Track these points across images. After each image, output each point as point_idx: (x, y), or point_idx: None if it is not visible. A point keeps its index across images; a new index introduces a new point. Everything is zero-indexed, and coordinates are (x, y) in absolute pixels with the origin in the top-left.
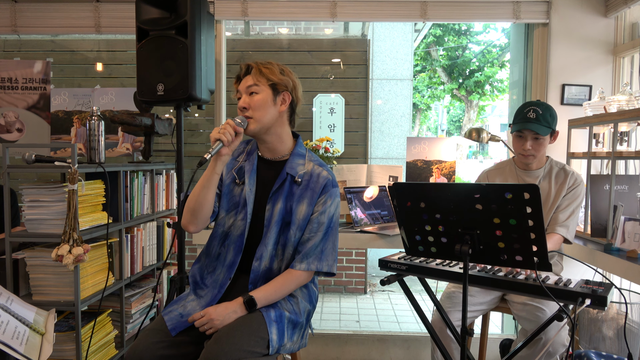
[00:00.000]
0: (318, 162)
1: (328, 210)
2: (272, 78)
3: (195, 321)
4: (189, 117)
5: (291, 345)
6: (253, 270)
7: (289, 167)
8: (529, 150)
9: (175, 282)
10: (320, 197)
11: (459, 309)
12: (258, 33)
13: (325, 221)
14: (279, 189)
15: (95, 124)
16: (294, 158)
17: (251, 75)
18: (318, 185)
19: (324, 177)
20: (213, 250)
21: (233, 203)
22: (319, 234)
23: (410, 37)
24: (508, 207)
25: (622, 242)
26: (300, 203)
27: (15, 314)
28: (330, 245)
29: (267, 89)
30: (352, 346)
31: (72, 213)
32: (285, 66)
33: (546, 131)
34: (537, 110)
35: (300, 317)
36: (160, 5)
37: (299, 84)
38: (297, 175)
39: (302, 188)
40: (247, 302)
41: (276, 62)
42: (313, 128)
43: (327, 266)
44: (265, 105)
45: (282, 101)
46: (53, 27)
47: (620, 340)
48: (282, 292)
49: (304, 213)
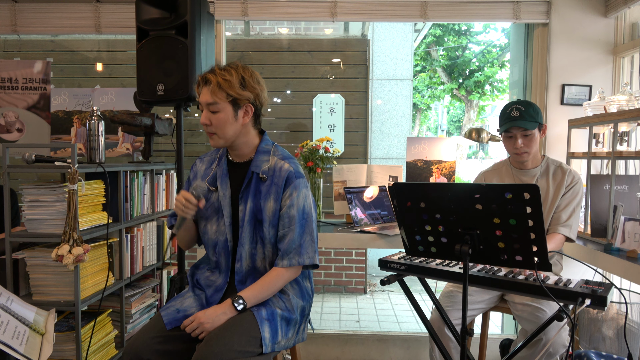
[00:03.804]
0: (282, 156)
1: (296, 202)
2: (232, 93)
3: (186, 326)
4: (189, 117)
5: (286, 341)
6: (237, 271)
7: (254, 165)
8: (522, 148)
9: (175, 282)
10: (285, 191)
11: (458, 308)
12: (258, 33)
13: (296, 214)
14: (247, 188)
15: (95, 124)
16: (258, 156)
17: (209, 90)
18: (281, 179)
19: (286, 170)
20: (211, 260)
21: (213, 210)
22: (293, 228)
23: (410, 37)
24: (508, 207)
25: (622, 242)
26: (267, 200)
27: (15, 314)
28: (308, 237)
29: (227, 105)
30: (352, 346)
31: (72, 213)
32: (247, 70)
33: (533, 125)
34: (519, 108)
35: (293, 313)
36: (160, 5)
37: (263, 89)
38: (261, 172)
39: (268, 184)
40: (235, 302)
41: (240, 64)
42: (313, 128)
43: (309, 259)
44: (226, 123)
45: (245, 113)
46: (53, 27)
47: (620, 340)
48: (270, 290)
49: (272, 209)
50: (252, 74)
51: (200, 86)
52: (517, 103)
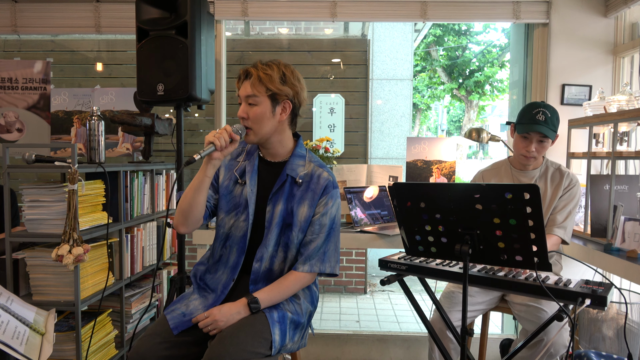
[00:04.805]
0: (318, 163)
1: (329, 211)
2: (271, 88)
3: (199, 322)
4: (189, 117)
5: (292, 345)
6: (253, 271)
7: (289, 168)
8: (532, 152)
9: (175, 282)
10: (321, 198)
11: (458, 309)
12: (258, 33)
13: (327, 223)
14: (279, 191)
15: (95, 124)
16: (294, 159)
17: (250, 83)
18: (319, 186)
19: (325, 179)
20: (215, 253)
21: (233, 204)
22: (321, 236)
23: (410, 37)
24: (508, 207)
25: (622, 242)
26: (301, 205)
27: (15, 314)
28: (333, 246)
29: (266, 99)
30: (352, 346)
31: (72, 213)
32: (289, 68)
33: (553, 134)
34: (545, 113)
35: (302, 317)
36: (160, 5)
37: (303, 87)
38: (297, 177)
39: (303, 189)
40: (251, 303)
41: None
42: (313, 128)
43: (330, 267)
44: (264, 118)
45: (282, 110)
46: (53, 27)
47: (620, 340)
48: (286, 294)
49: (305, 215)
50: (293, 71)
51: (240, 80)
52: (544, 107)
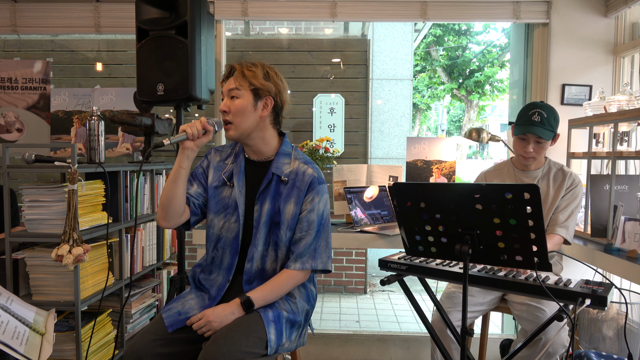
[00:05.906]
0: (304, 160)
1: (316, 208)
2: (254, 82)
3: (193, 324)
4: (189, 117)
5: (289, 344)
6: (246, 271)
7: (275, 167)
8: (531, 153)
9: (175, 282)
10: (307, 195)
11: (459, 309)
12: (258, 33)
13: (315, 219)
14: (266, 190)
15: (95, 124)
16: (280, 157)
17: (234, 78)
18: (304, 183)
19: (309, 175)
20: (208, 254)
21: (222, 205)
22: (311, 233)
23: (410, 37)
24: (508, 207)
25: (622, 242)
26: (287, 202)
27: (15, 314)
28: (323, 242)
29: (248, 93)
30: (352, 346)
31: (72, 213)
32: (273, 68)
33: (549, 135)
34: (542, 114)
35: (298, 316)
36: (160, 5)
37: (285, 88)
38: (283, 175)
39: (289, 187)
40: (244, 303)
41: (266, 63)
42: (313, 128)
43: (322, 264)
44: (245, 111)
45: (264, 106)
46: (53, 27)
47: (620, 340)
48: (279, 292)
49: (292, 212)
50: (276, 72)
51: (225, 79)
52: (541, 107)
